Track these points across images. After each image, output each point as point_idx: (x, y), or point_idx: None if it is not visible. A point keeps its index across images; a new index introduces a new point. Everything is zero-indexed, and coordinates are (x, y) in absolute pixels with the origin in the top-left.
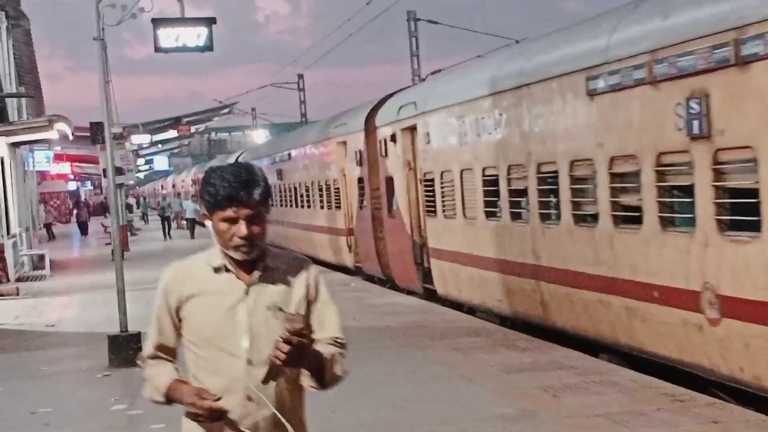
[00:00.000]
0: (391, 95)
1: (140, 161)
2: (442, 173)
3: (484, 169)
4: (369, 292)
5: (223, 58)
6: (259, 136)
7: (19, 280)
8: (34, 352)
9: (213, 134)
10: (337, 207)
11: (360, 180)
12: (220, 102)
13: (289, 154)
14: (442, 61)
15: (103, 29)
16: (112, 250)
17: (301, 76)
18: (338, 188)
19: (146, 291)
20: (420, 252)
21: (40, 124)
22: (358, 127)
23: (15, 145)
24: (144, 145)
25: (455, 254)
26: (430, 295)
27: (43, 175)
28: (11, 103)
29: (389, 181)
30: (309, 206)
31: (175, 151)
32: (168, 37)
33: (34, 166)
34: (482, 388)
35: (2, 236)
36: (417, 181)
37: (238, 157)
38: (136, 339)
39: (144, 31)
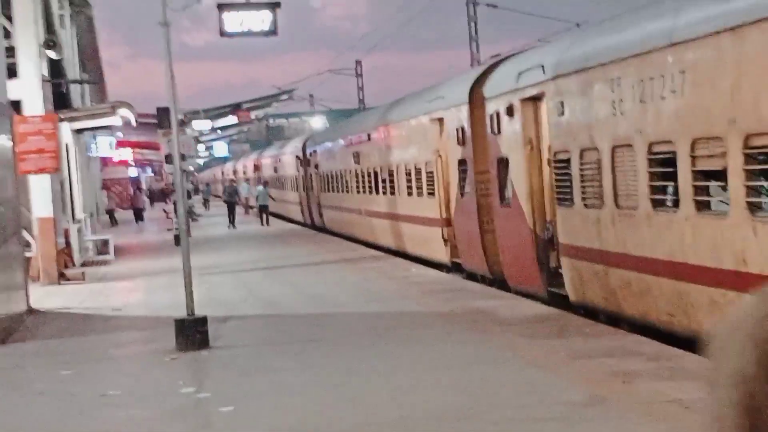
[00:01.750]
0: (500, 61)
1: (200, 147)
2: (582, 152)
3: (650, 145)
4: (431, 277)
5: (280, 44)
6: (317, 122)
7: (83, 265)
8: (102, 335)
9: (271, 120)
10: (429, 193)
11: (462, 162)
12: (279, 88)
13: (369, 135)
14: (501, 45)
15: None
16: (175, 236)
17: (359, 62)
18: (431, 172)
19: (208, 276)
20: (545, 249)
21: (103, 110)
22: (461, 100)
23: (79, 132)
24: (205, 131)
25: (601, 253)
26: (557, 301)
27: (104, 162)
28: (75, 90)
29: (502, 162)
30: (393, 193)
31: (234, 137)
32: (233, 21)
33: (97, 152)
34: (550, 374)
35: (68, 221)
36: (542, 162)
37: (306, 141)
38: (202, 323)
39: (202, 17)
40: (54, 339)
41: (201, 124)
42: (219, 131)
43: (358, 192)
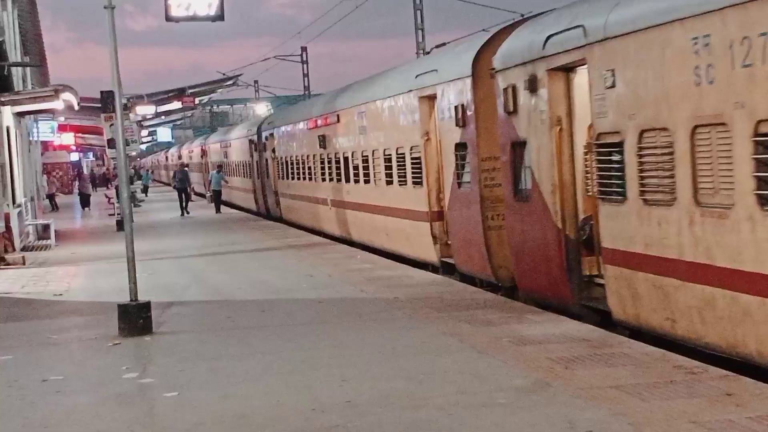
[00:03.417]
0: (513, 25)
1: (143, 132)
2: (642, 133)
3: (758, 124)
4: (376, 264)
5: (225, 30)
6: (261, 108)
7: (24, 249)
8: (43, 320)
9: (215, 106)
10: (415, 182)
11: (460, 146)
12: (224, 74)
13: (338, 116)
14: (447, 34)
15: None
16: (117, 221)
17: (304, 49)
18: (418, 158)
19: (152, 261)
20: (576, 253)
21: (46, 93)
22: (461, 73)
23: (20, 115)
24: (148, 116)
25: (669, 263)
26: (591, 316)
27: (46, 146)
28: (16, 73)
29: (518, 147)
30: (368, 181)
31: (178, 122)
32: (179, 6)
33: (38, 137)
34: (494, 360)
35: (8, 206)
36: (573, 146)
37: (262, 123)
38: (145, 308)
39: (146, 2)
40: None
41: (144, 109)
42: (162, 116)
43: (324, 180)
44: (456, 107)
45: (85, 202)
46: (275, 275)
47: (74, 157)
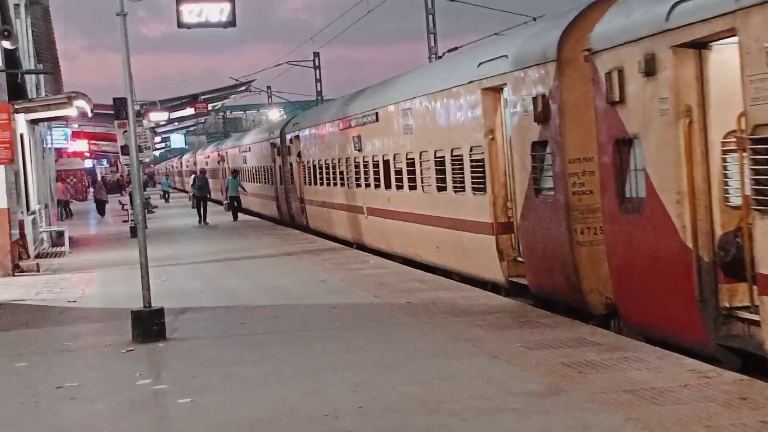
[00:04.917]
0: None
1: (156, 139)
2: None
3: None
4: (389, 269)
5: (238, 36)
6: (274, 114)
7: (38, 256)
8: (57, 327)
9: (228, 112)
10: (476, 189)
11: (539, 146)
12: (237, 80)
13: (377, 114)
14: (459, 39)
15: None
16: (131, 227)
17: (317, 54)
18: (480, 160)
19: (165, 267)
20: (712, 279)
21: (59, 101)
22: (543, 57)
23: (34, 122)
24: (161, 123)
25: None
26: (731, 359)
27: (60, 153)
28: (30, 81)
29: (624, 145)
30: (413, 187)
31: (191, 129)
32: (191, 12)
33: (52, 144)
34: (508, 365)
35: (22, 213)
36: (708, 143)
37: (286, 124)
38: (159, 314)
39: (159, 8)
40: (8, 331)
41: (157, 116)
42: (176, 123)
43: (359, 186)
44: (534, 99)
45: (101, 209)
46: (289, 281)
47: (88, 164)
